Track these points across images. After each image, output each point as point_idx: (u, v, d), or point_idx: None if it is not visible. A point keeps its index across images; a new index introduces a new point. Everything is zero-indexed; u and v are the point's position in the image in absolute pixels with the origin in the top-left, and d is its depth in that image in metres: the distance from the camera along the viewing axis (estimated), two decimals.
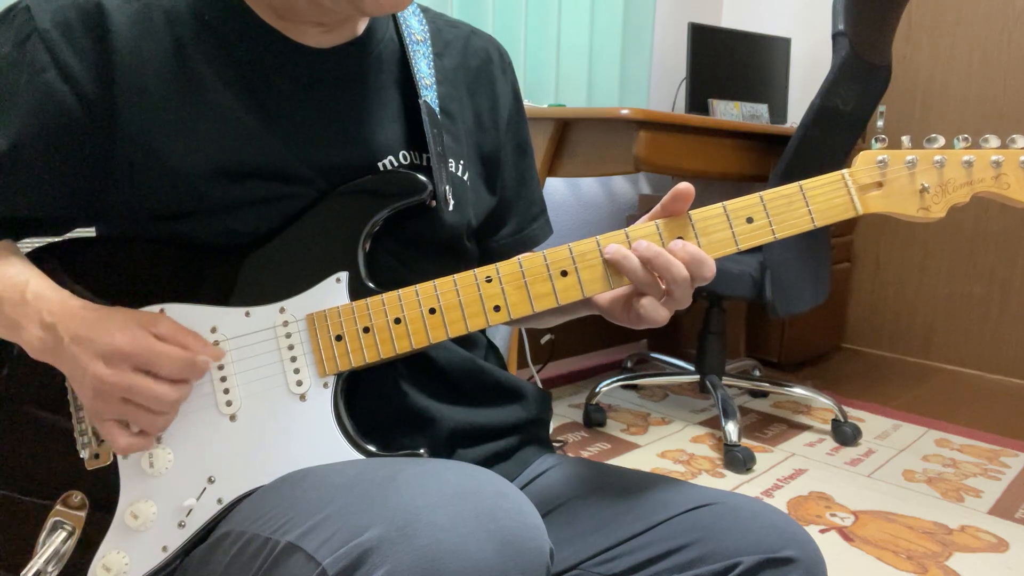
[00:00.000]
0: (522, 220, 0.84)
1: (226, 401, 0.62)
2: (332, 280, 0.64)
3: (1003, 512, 1.62)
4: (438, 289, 0.63)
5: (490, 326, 0.64)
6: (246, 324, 0.63)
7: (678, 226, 0.64)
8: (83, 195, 0.63)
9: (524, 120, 0.84)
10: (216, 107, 0.63)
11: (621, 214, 2.69)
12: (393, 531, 0.46)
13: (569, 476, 0.73)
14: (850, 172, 0.65)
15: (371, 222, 0.65)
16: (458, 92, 0.76)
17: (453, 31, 0.78)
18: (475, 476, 0.52)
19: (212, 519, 0.60)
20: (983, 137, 0.65)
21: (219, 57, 0.64)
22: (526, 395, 0.77)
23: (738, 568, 0.59)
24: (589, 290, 0.64)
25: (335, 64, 0.68)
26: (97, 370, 0.56)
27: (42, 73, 0.59)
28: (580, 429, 2.03)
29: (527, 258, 0.64)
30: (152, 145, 0.61)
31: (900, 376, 2.68)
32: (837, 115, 1.73)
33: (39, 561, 0.59)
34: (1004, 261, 2.62)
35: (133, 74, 0.61)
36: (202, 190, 0.62)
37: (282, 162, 0.64)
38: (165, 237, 0.64)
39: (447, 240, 0.72)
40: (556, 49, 2.26)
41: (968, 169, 0.65)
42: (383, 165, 0.68)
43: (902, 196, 0.65)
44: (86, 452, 0.62)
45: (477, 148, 0.77)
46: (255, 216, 0.64)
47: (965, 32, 2.63)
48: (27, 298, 0.59)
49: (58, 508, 0.61)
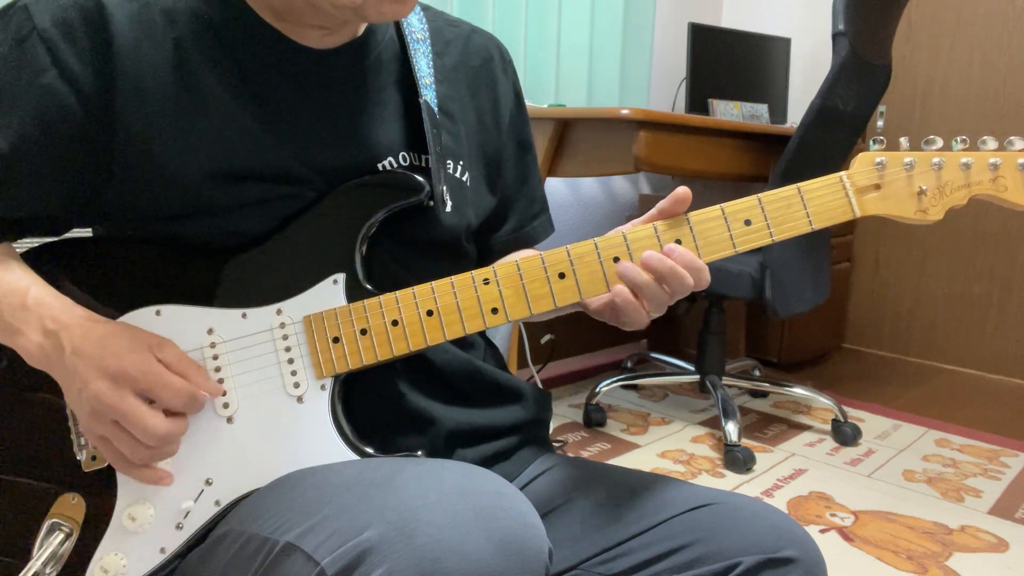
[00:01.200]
0: (522, 218, 0.84)
1: (223, 403, 0.62)
2: (329, 281, 0.64)
3: (1003, 512, 1.62)
4: (435, 291, 0.63)
5: (488, 328, 0.64)
6: (243, 326, 0.63)
7: (676, 228, 0.64)
8: (81, 196, 0.63)
9: (526, 118, 0.84)
10: (215, 108, 0.62)
11: (621, 214, 2.69)
12: (392, 531, 0.46)
13: (569, 476, 0.73)
14: (848, 174, 0.65)
15: (368, 223, 0.65)
16: (458, 92, 0.75)
17: (453, 30, 0.78)
18: (474, 476, 0.52)
19: (210, 521, 0.60)
20: (981, 139, 0.65)
21: (219, 57, 0.63)
22: (525, 395, 0.77)
23: (738, 568, 0.59)
24: (587, 293, 0.64)
25: (335, 65, 0.68)
26: (99, 388, 0.55)
27: (42, 74, 0.59)
28: (580, 429, 2.03)
29: (525, 260, 0.64)
30: (151, 146, 0.61)
31: (900, 376, 2.68)
32: (837, 115, 1.73)
33: (37, 563, 0.58)
34: (1004, 261, 2.62)
35: (133, 75, 0.60)
36: (200, 191, 0.62)
37: (281, 163, 0.64)
38: (162, 238, 0.64)
39: (445, 241, 0.71)
40: (556, 49, 2.26)
41: (966, 171, 0.65)
42: (383, 166, 0.68)
43: (900, 198, 0.65)
44: (83, 454, 0.62)
45: (480, 148, 0.77)
46: (253, 217, 0.64)
47: (965, 32, 2.63)
48: (28, 304, 0.58)
49: (55, 510, 0.61)
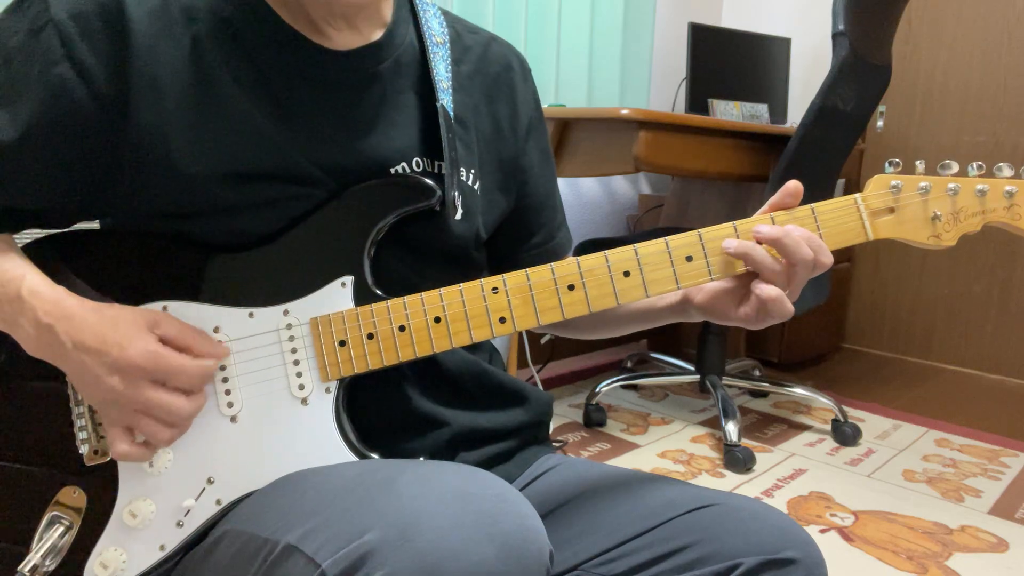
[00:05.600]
0: (550, 229, 0.84)
1: (227, 402, 0.62)
2: (337, 284, 0.64)
3: (1003, 512, 1.62)
4: (444, 298, 0.63)
5: (495, 337, 0.64)
6: (249, 325, 0.63)
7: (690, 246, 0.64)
8: (88, 189, 0.62)
9: (545, 127, 0.84)
10: (229, 107, 0.62)
11: (621, 214, 2.69)
12: (393, 533, 0.46)
13: (569, 477, 0.73)
14: (863, 196, 0.65)
15: (378, 226, 0.64)
16: (473, 99, 0.75)
17: (473, 37, 0.78)
18: (475, 478, 0.52)
19: (210, 520, 0.60)
20: (996, 166, 0.65)
21: (235, 56, 0.63)
22: (529, 398, 0.77)
23: (739, 569, 0.59)
24: (596, 306, 0.63)
25: (352, 67, 0.67)
26: (112, 384, 0.56)
27: (55, 65, 0.58)
28: (580, 429, 2.03)
29: (535, 271, 0.63)
30: (163, 143, 0.60)
31: (900, 376, 2.68)
32: (837, 115, 1.73)
33: (36, 556, 0.58)
34: (1004, 261, 2.62)
35: (148, 70, 0.60)
36: (211, 190, 0.61)
37: (293, 164, 0.63)
38: (170, 234, 0.64)
39: (453, 249, 0.71)
40: (556, 49, 2.26)
41: (981, 198, 0.64)
42: (395, 171, 0.68)
43: (914, 223, 0.65)
44: (85, 448, 0.61)
45: (495, 155, 0.77)
46: (262, 217, 0.63)
47: (965, 32, 2.63)
48: (22, 295, 0.58)
49: (56, 502, 0.61)
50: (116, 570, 0.59)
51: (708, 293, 0.68)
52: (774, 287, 0.62)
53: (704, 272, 0.64)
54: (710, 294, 0.68)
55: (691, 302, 0.70)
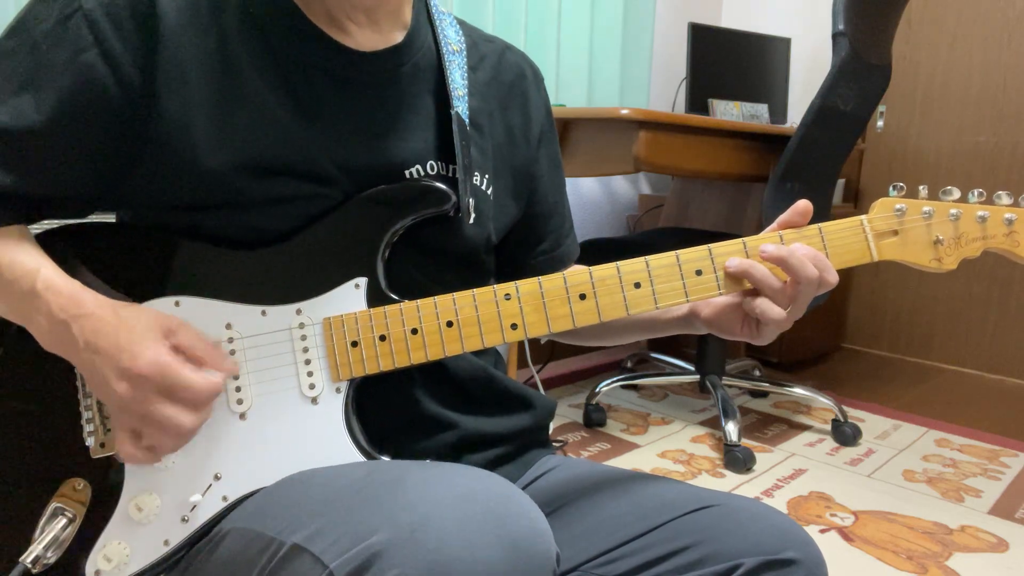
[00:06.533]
0: (558, 236, 0.85)
1: (237, 399, 0.62)
2: (351, 285, 0.64)
3: (1003, 512, 1.62)
4: (457, 303, 0.63)
5: (505, 343, 0.64)
6: (262, 323, 0.63)
7: (700, 260, 0.66)
8: (109, 178, 0.62)
9: (556, 136, 0.85)
10: (253, 100, 0.62)
11: (621, 214, 2.69)
12: (401, 534, 0.46)
13: (570, 477, 0.73)
14: (868, 218, 0.67)
15: (392, 229, 0.65)
16: (488, 106, 0.76)
17: (488, 45, 0.79)
18: (482, 480, 0.52)
19: (216, 516, 0.60)
20: (996, 194, 0.67)
21: (261, 51, 0.64)
22: (534, 403, 0.78)
23: (739, 570, 0.60)
24: (607, 315, 0.64)
25: (374, 68, 0.68)
26: (120, 389, 0.56)
27: (83, 53, 0.58)
28: (580, 429, 2.03)
29: (547, 279, 0.64)
30: (186, 133, 0.61)
31: (900, 376, 2.68)
32: (837, 115, 1.73)
33: (38, 547, 0.58)
34: (1004, 261, 2.62)
35: (176, 62, 0.60)
36: (228, 182, 0.61)
37: (311, 161, 0.64)
38: (185, 228, 0.64)
39: (464, 252, 0.72)
40: (556, 49, 2.26)
41: (982, 224, 0.67)
42: (410, 173, 0.68)
43: (917, 246, 0.67)
44: (92, 440, 0.61)
45: (508, 162, 0.77)
46: (279, 214, 0.64)
47: (965, 32, 2.63)
48: (37, 289, 0.57)
49: (60, 494, 0.61)
50: (119, 564, 0.59)
51: (715, 308, 0.70)
52: (772, 307, 0.65)
53: (713, 286, 0.66)
54: (717, 309, 0.70)
55: (698, 316, 0.72)
